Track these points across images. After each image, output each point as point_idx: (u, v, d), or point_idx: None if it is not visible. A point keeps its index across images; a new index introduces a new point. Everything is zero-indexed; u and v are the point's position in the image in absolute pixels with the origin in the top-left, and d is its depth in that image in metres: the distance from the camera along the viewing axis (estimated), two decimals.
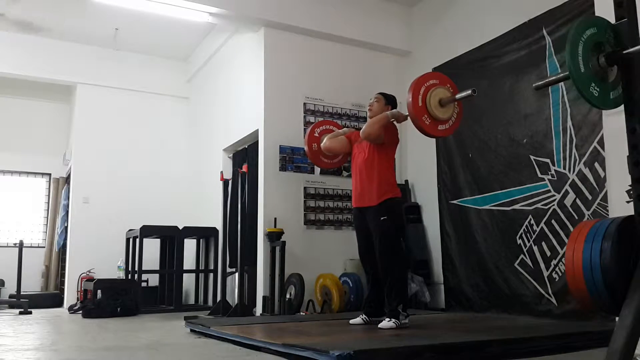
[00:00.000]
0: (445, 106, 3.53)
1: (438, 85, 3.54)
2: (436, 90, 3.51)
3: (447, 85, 3.60)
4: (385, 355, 2.61)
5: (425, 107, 3.45)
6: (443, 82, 3.60)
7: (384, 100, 4.03)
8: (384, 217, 3.73)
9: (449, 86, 3.60)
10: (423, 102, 3.45)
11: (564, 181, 4.31)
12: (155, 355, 3.08)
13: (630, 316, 1.86)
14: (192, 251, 7.10)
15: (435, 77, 3.66)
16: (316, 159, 4.70)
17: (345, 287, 5.16)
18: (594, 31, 2.03)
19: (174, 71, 7.98)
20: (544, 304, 4.36)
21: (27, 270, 6.91)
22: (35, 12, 6.49)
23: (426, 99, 3.46)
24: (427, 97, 3.47)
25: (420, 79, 3.54)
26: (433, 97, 3.48)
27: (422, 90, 3.48)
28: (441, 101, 3.50)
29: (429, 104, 3.46)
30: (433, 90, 3.50)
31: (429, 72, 3.78)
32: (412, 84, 3.50)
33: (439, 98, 3.50)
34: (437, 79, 3.61)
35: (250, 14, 5.57)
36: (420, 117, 3.45)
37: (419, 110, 3.44)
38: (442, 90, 3.53)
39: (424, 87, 3.50)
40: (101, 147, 7.40)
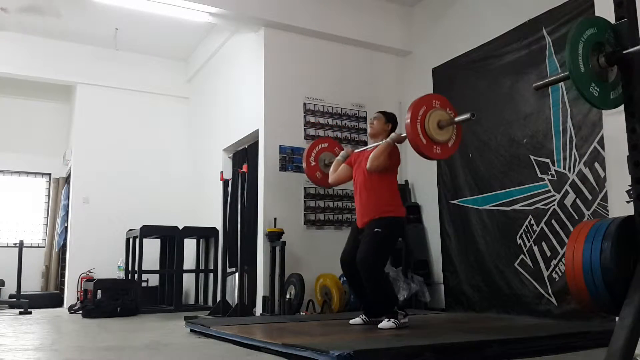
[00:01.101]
0: (444, 128, 3.53)
1: (438, 108, 3.55)
2: (435, 112, 3.52)
3: (447, 108, 3.61)
4: (385, 355, 2.61)
5: (423, 128, 3.47)
6: (443, 104, 3.61)
7: (384, 118, 4.03)
8: (377, 230, 3.68)
9: (449, 109, 3.61)
10: (422, 124, 3.46)
11: (564, 181, 4.31)
12: (155, 355, 3.08)
13: (630, 316, 1.86)
14: (192, 251, 7.10)
15: (436, 98, 3.66)
16: (324, 183, 4.97)
17: (345, 287, 5.15)
18: (594, 31, 2.03)
19: (174, 71, 7.98)
20: (544, 304, 4.36)
21: (27, 270, 6.91)
22: (35, 11, 6.48)
23: (425, 121, 3.48)
24: (426, 118, 3.48)
25: (420, 100, 3.56)
26: (432, 119, 3.49)
27: (421, 112, 3.49)
28: (440, 123, 3.51)
29: (427, 126, 3.47)
30: (432, 112, 3.51)
31: (429, 94, 3.80)
32: (412, 105, 3.52)
33: (438, 120, 3.51)
34: (438, 101, 3.62)
35: (250, 14, 5.57)
36: (417, 139, 3.46)
37: (416, 132, 3.46)
38: (441, 113, 3.54)
39: (423, 108, 3.51)
40: (101, 147, 7.40)
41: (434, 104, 3.58)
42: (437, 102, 3.60)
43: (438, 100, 3.62)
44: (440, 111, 3.55)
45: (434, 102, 3.60)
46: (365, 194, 3.83)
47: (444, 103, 3.63)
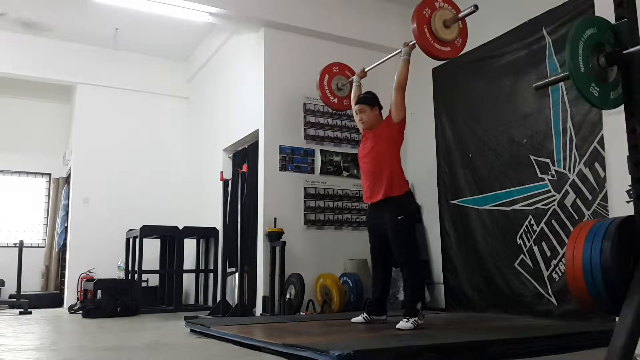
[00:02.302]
0: (450, 27, 3.61)
1: (440, 9, 3.61)
2: (439, 12, 3.58)
3: (449, 5, 3.67)
4: (385, 355, 2.61)
5: (431, 31, 3.55)
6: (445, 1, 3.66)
7: (368, 106, 3.96)
8: (401, 217, 3.69)
9: (450, 6, 3.67)
10: (429, 28, 3.54)
11: (564, 181, 4.31)
12: (155, 355, 3.08)
13: (630, 316, 1.86)
14: (192, 251, 7.10)
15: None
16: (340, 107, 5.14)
17: (345, 287, 5.16)
18: (594, 31, 2.03)
19: (174, 71, 7.98)
20: (544, 304, 4.36)
21: (27, 270, 6.91)
22: (35, 12, 6.49)
23: (430, 24, 3.55)
24: (432, 21, 3.55)
25: (423, 3, 3.60)
26: (437, 20, 3.56)
27: (425, 14, 3.56)
28: (445, 22, 3.58)
29: (434, 28, 3.55)
30: (436, 13, 3.58)
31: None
32: (415, 12, 3.57)
33: (443, 20, 3.58)
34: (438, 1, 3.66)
35: (250, 14, 5.57)
36: (428, 44, 3.55)
37: (425, 37, 3.54)
38: (444, 12, 3.61)
39: (426, 10, 3.57)
40: (101, 147, 7.41)
41: (437, 4, 3.63)
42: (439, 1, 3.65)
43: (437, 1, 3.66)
44: (443, 10, 3.61)
45: (437, 2, 3.64)
46: (377, 166, 3.80)
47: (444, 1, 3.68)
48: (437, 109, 5.68)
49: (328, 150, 5.73)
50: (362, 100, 4.01)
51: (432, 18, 3.55)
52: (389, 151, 3.81)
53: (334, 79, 5.04)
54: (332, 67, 5.08)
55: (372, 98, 4.02)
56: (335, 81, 5.06)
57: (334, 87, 5.06)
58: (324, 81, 5.02)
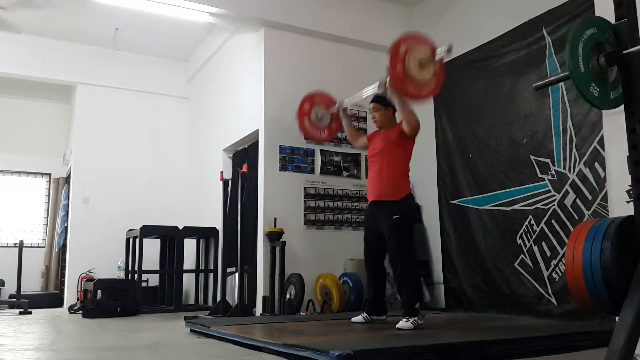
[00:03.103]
0: (426, 67, 3.42)
1: (415, 47, 3.42)
2: (414, 52, 3.39)
3: (424, 45, 3.48)
4: (385, 355, 2.61)
5: (405, 72, 3.35)
6: (418, 41, 3.47)
7: (382, 106, 3.99)
8: (396, 216, 3.71)
9: (427, 47, 3.48)
10: (402, 67, 3.35)
11: (564, 181, 4.31)
12: (155, 355, 3.08)
13: (631, 316, 1.86)
14: (192, 251, 7.10)
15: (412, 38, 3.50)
16: (309, 134, 4.88)
17: (345, 287, 5.16)
18: (594, 31, 2.03)
19: (173, 71, 7.98)
20: (544, 304, 4.36)
21: (27, 270, 6.91)
22: (35, 11, 6.48)
23: (405, 63, 3.36)
24: (407, 60, 3.37)
25: (397, 44, 3.41)
26: (412, 60, 3.37)
27: (400, 53, 3.37)
28: (420, 62, 3.39)
29: (408, 68, 3.35)
30: (411, 53, 3.39)
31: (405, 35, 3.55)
32: (390, 50, 3.38)
33: (418, 59, 3.39)
34: (414, 40, 3.48)
35: (250, 14, 5.57)
36: (403, 84, 3.37)
37: (400, 77, 3.35)
38: (420, 51, 3.42)
39: (401, 50, 3.38)
40: (101, 147, 7.41)
41: (411, 43, 3.44)
42: (413, 41, 3.46)
43: (414, 40, 3.47)
44: (419, 49, 3.42)
45: (411, 42, 3.45)
46: (386, 167, 3.85)
47: (418, 40, 3.49)
48: (437, 109, 5.68)
49: (328, 150, 5.73)
50: (376, 99, 4.06)
51: (407, 57, 3.38)
52: (398, 155, 3.86)
53: (314, 109, 4.77)
54: (314, 96, 4.81)
55: (385, 98, 4.04)
56: (315, 110, 4.79)
57: (313, 117, 4.78)
58: (303, 109, 4.75)
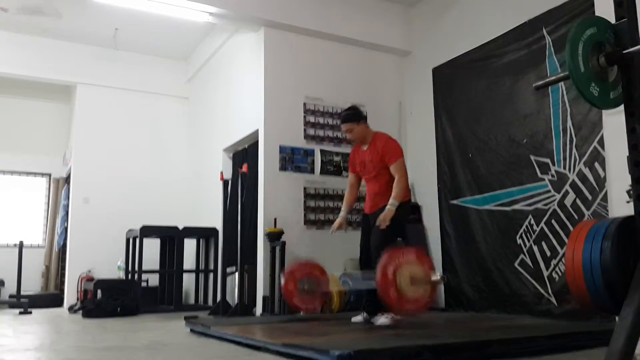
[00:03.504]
0: (417, 285, 3.33)
1: (412, 262, 3.35)
2: (408, 267, 3.32)
3: (424, 263, 3.41)
4: (385, 355, 2.61)
5: (394, 282, 3.26)
6: (420, 259, 3.41)
7: (354, 123, 3.96)
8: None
9: (425, 265, 3.41)
10: (393, 276, 3.26)
11: (564, 181, 4.30)
12: (155, 355, 3.08)
13: (630, 316, 1.86)
14: (192, 251, 7.10)
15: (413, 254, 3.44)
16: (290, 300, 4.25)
17: (345, 287, 5.15)
18: (594, 31, 2.03)
19: (173, 71, 7.98)
20: (544, 303, 4.36)
21: (27, 270, 6.91)
22: (35, 12, 6.48)
23: (397, 275, 3.27)
24: (398, 274, 3.28)
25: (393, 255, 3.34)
26: (404, 274, 3.29)
27: (393, 266, 3.29)
28: (412, 279, 3.30)
29: (399, 281, 3.27)
30: (405, 266, 3.31)
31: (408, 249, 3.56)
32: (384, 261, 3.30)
33: (411, 276, 3.30)
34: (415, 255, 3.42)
35: (250, 13, 5.57)
36: (387, 292, 3.26)
37: (387, 284, 3.26)
38: (416, 268, 3.34)
39: (395, 262, 3.30)
40: (101, 147, 7.41)
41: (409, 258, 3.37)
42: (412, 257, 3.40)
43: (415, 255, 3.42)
44: (415, 266, 3.34)
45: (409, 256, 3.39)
46: (378, 187, 3.94)
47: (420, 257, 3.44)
48: (437, 108, 5.68)
49: (328, 150, 5.73)
50: (346, 119, 4.01)
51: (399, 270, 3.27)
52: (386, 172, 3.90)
53: (301, 280, 4.25)
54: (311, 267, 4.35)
55: (354, 114, 4.02)
56: (303, 282, 4.26)
57: (300, 286, 4.22)
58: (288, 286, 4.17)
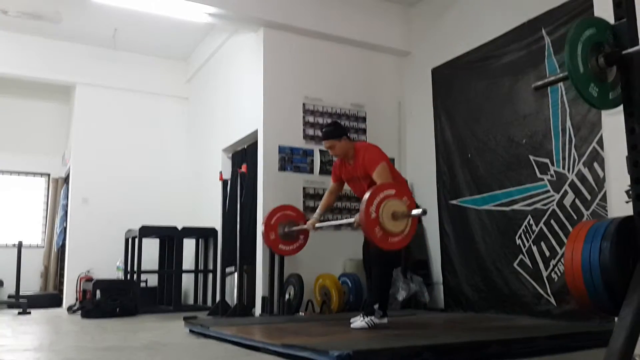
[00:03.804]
0: (399, 220, 3.38)
1: (393, 197, 3.39)
2: (390, 202, 3.36)
3: (404, 197, 3.44)
4: (385, 355, 2.61)
5: (377, 219, 3.32)
6: (399, 194, 3.44)
7: (335, 140, 3.94)
8: None
9: (406, 198, 3.44)
10: (376, 214, 3.32)
11: (563, 181, 4.31)
12: (155, 356, 3.07)
13: (630, 316, 1.86)
14: (192, 251, 7.10)
15: (392, 187, 3.48)
16: (275, 247, 4.55)
17: (345, 288, 5.16)
18: (593, 31, 2.03)
19: (173, 71, 7.98)
20: (543, 304, 4.36)
21: (26, 270, 6.90)
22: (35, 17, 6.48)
23: (379, 211, 3.32)
24: (380, 209, 3.33)
25: (376, 190, 3.39)
26: (386, 210, 3.34)
27: (375, 202, 3.34)
28: (394, 214, 3.36)
29: (381, 217, 3.32)
30: (387, 202, 3.35)
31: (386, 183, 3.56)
32: (367, 197, 3.34)
33: (393, 211, 3.36)
34: (394, 190, 3.45)
35: (250, 14, 5.57)
36: (372, 229, 3.32)
37: (371, 222, 3.31)
38: (396, 203, 3.39)
39: (378, 197, 3.35)
40: (100, 147, 7.40)
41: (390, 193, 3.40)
42: (393, 191, 3.43)
43: (394, 189, 3.45)
44: (396, 201, 3.38)
45: (390, 191, 3.42)
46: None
47: (400, 192, 3.45)
48: (436, 109, 5.68)
49: (327, 151, 5.71)
50: (327, 136, 3.99)
51: (382, 205, 3.33)
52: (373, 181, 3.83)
53: (280, 224, 4.62)
54: (284, 209, 4.69)
55: (334, 130, 3.99)
56: (282, 225, 4.66)
57: (280, 231, 4.65)
58: (271, 220, 4.57)
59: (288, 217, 4.49)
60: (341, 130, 4.02)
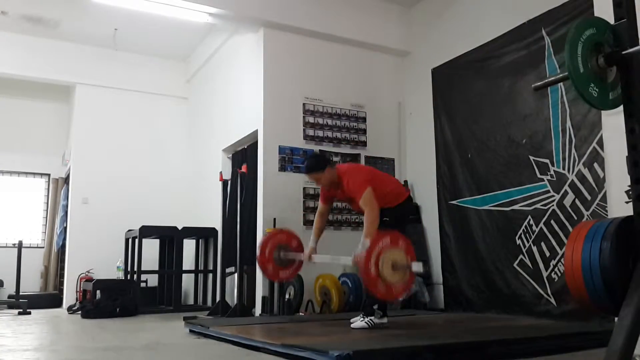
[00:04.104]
0: (399, 270, 3.22)
1: (390, 247, 3.21)
2: (388, 253, 3.19)
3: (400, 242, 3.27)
4: (385, 356, 2.61)
5: (378, 274, 3.15)
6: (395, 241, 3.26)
7: (319, 172, 3.82)
8: (385, 219, 3.71)
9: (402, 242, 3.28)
10: (376, 269, 3.14)
11: (563, 181, 4.31)
12: (154, 356, 3.08)
13: (629, 316, 1.86)
14: (192, 251, 7.10)
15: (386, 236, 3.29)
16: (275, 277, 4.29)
17: (345, 288, 5.16)
18: (593, 32, 2.03)
19: (173, 71, 7.98)
20: (543, 304, 4.36)
21: (26, 270, 6.89)
22: (35, 12, 6.48)
23: (379, 266, 3.15)
24: (380, 263, 3.16)
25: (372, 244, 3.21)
26: (386, 262, 3.17)
27: (373, 257, 3.15)
28: (394, 265, 3.18)
29: (382, 271, 3.15)
30: (385, 253, 3.17)
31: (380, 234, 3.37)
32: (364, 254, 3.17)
33: (392, 261, 3.18)
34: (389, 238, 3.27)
35: (250, 14, 5.57)
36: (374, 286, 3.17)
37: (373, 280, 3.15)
38: (394, 253, 3.22)
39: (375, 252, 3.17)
40: (100, 147, 7.40)
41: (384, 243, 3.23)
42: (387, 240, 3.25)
43: (388, 238, 3.26)
44: (393, 251, 3.21)
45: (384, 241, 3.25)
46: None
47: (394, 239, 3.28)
48: (436, 109, 5.68)
49: (327, 151, 5.73)
50: (310, 170, 3.88)
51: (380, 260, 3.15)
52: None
53: (277, 247, 4.22)
54: (278, 234, 4.34)
55: (317, 163, 3.89)
56: (278, 250, 4.23)
57: (275, 256, 4.19)
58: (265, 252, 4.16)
59: (279, 241, 4.30)
60: (323, 161, 3.91)
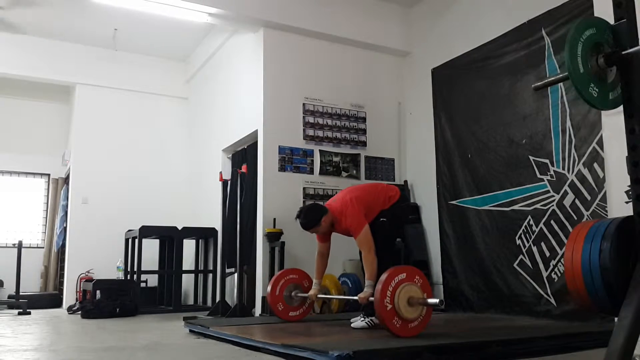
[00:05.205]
0: (414, 305, 3.16)
1: (406, 282, 3.16)
2: (405, 287, 3.13)
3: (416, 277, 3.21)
4: (385, 356, 2.61)
5: (394, 309, 3.09)
6: (411, 276, 3.21)
7: (316, 223, 3.82)
8: (382, 219, 3.79)
9: (418, 278, 3.22)
10: (392, 304, 3.08)
11: (563, 182, 4.31)
12: (154, 356, 3.07)
13: (629, 316, 1.86)
14: (192, 252, 7.10)
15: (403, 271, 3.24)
16: (285, 316, 4.28)
17: (345, 288, 5.16)
18: (593, 32, 2.03)
19: (173, 71, 7.98)
20: (543, 304, 4.36)
21: (26, 270, 6.90)
22: (35, 12, 6.48)
23: (394, 300, 3.09)
24: (396, 297, 3.10)
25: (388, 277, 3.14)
26: (402, 297, 3.11)
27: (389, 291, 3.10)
28: (410, 300, 3.13)
29: (397, 305, 3.09)
30: (401, 287, 3.12)
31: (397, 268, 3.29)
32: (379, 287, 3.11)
33: (409, 297, 3.13)
34: (405, 273, 3.22)
35: (250, 14, 5.57)
36: (389, 322, 3.09)
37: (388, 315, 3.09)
38: (412, 288, 3.16)
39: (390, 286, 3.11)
40: (100, 147, 7.40)
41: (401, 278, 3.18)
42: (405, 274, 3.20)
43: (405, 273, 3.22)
44: (410, 286, 3.15)
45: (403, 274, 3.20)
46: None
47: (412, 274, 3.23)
48: (436, 109, 5.69)
49: (327, 151, 5.73)
50: (308, 226, 3.87)
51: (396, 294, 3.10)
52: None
53: (288, 286, 4.27)
54: (290, 273, 4.37)
55: (313, 218, 3.85)
56: (289, 289, 4.29)
57: (286, 294, 4.27)
58: (275, 291, 4.22)
59: (290, 281, 4.26)
60: (318, 212, 3.86)
